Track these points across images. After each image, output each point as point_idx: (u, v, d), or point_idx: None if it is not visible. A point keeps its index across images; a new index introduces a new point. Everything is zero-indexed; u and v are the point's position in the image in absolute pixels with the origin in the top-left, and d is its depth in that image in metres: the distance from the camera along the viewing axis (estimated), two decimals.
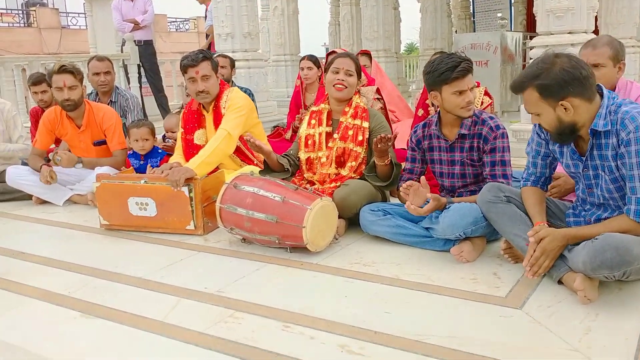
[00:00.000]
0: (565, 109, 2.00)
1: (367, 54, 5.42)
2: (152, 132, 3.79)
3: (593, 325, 1.83)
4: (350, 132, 3.02)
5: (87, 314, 2.09)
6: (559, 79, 1.97)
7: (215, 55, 5.21)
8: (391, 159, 2.86)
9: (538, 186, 2.35)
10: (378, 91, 4.00)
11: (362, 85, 4.02)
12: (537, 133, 2.32)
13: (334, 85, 3.01)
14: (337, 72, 3.02)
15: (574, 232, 2.10)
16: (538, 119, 2.09)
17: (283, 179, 2.96)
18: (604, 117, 2.00)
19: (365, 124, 3.02)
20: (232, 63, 5.22)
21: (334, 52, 3.83)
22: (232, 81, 5.23)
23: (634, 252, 1.86)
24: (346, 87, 3.01)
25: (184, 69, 3.35)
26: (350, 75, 3.03)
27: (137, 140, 3.71)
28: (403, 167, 3.00)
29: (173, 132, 4.10)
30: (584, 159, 2.13)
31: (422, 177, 2.52)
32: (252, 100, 4.75)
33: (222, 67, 5.04)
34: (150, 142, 3.76)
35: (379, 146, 2.71)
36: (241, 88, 4.89)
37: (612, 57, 2.71)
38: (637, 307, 1.94)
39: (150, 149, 3.77)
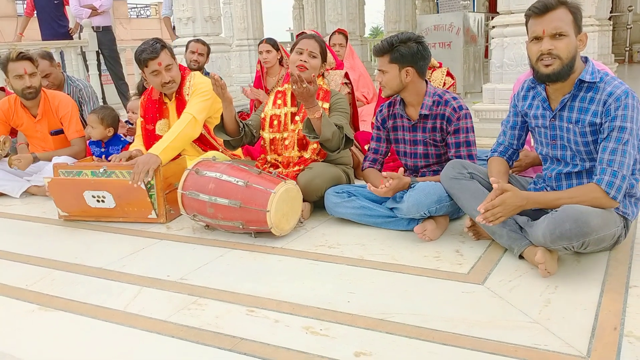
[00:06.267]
0: (580, 40, 2.07)
1: (343, 33, 5.34)
2: (107, 120, 3.72)
3: (552, 297, 1.86)
4: None
5: (46, 307, 2.03)
6: (579, 8, 2.05)
7: (189, 41, 5.12)
8: (340, 128, 2.80)
9: (505, 157, 2.42)
10: (346, 75, 3.94)
11: (331, 69, 3.97)
12: (514, 98, 2.37)
13: (296, 66, 2.98)
14: (301, 53, 2.98)
15: (536, 196, 2.10)
16: (559, 40, 2.03)
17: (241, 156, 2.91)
18: (590, 74, 2.08)
19: (326, 105, 3.00)
20: (209, 50, 5.14)
21: (304, 32, 3.77)
22: (204, 68, 5.17)
23: (592, 223, 1.90)
24: (307, 69, 2.97)
25: (145, 62, 3.17)
26: (314, 57, 2.99)
27: (92, 127, 3.70)
28: (367, 147, 3.00)
29: (134, 114, 4.04)
30: (554, 111, 2.16)
31: (401, 170, 2.55)
32: None
33: (200, 54, 4.99)
34: (99, 130, 3.70)
35: (296, 90, 2.62)
36: (206, 73, 4.83)
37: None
38: (594, 279, 1.98)
39: (99, 137, 3.73)
